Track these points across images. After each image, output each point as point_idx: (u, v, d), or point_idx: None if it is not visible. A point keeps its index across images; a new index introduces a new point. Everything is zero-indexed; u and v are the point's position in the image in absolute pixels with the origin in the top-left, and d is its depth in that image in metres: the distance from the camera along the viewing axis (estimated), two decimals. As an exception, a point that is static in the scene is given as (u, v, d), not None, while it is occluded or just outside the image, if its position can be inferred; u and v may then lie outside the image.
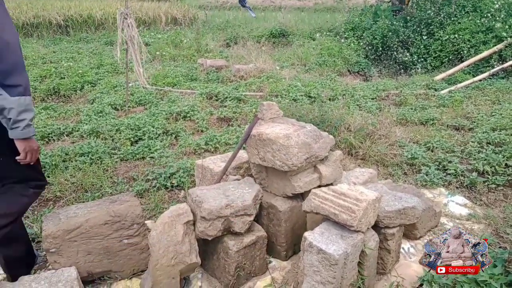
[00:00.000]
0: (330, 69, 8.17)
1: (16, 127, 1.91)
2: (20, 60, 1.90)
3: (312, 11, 21.67)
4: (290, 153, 2.40)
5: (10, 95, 1.85)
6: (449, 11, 8.71)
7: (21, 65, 1.90)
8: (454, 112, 5.22)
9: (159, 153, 4.19)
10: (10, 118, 1.88)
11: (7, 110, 1.86)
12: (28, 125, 1.95)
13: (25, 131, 1.95)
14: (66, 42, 12.82)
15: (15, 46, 1.87)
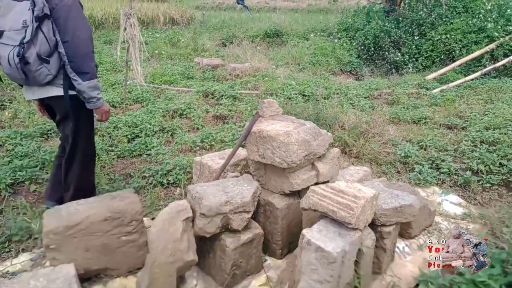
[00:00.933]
0: (324, 69, 8.24)
1: (90, 102, 2.58)
2: (89, 52, 2.49)
3: (305, 12, 21.75)
4: (289, 150, 2.44)
5: (82, 80, 2.46)
6: (440, 12, 8.82)
7: (89, 56, 2.49)
8: (447, 111, 5.29)
9: (156, 150, 4.21)
10: (85, 98, 2.54)
11: (82, 91, 2.50)
12: (98, 99, 2.60)
13: (97, 103, 2.62)
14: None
15: (87, 41, 2.46)
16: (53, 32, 2.39)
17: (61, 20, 2.39)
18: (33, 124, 4.94)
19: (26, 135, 4.54)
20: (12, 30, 2.33)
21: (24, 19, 2.31)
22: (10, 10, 2.37)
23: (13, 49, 2.30)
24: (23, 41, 2.29)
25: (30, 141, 4.38)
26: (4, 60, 2.34)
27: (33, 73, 2.38)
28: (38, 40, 2.34)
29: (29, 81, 2.46)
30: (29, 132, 4.61)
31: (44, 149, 4.12)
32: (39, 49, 2.35)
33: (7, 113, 5.39)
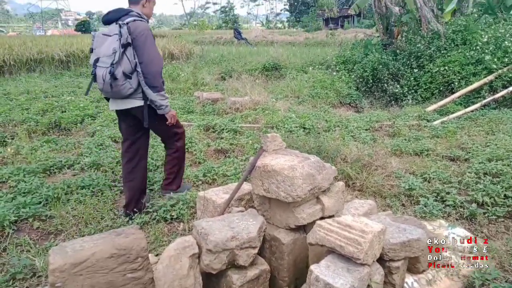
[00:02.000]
0: (323, 101, 8.33)
1: (160, 109, 3.40)
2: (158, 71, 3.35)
3: (303, 45, 22.20)
4: (294, 184, 2.44)
5: (153, 92, 3.30)
6: (438, 44, 8.98)
7: (158, 74, 3.34)
8: (448, 143, 5.31)
9: (158, 185, 4.20)
10: (156, 106, 3.36)
11: (153, 101, 3.32)
12: (166, 106, 3.41)
13: (165, 109, 3.44)
14: (67, 77, 13.03)
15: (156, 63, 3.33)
16: (133, 56, 3.22)
17: (139, 47, 3.24)
18: (36, 160, 4.95)
19: (29, 171, 4.54)
20: (105, 56, 3.18)
21: (113, 47, 3.15)
22: (103, 42, 3.24)
23: (106, 69, 3.14)
24: (113, 62, 3.13)
25: (33, 177, 4.38)
26: (99, 78, 3.19)
27: (120, 87, 3.18)
28: (123, 61, 3.17)
29: (115, 94, 3.27)
30: (31, 168, 4.62)
31: (47, 186, 4.11)
32: (124, 68, 3.16)
33: (9, 149, 5.41)
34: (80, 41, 16.43)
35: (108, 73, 3.11)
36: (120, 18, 3.28)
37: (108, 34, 3.24)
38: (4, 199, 3.79)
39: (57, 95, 9.38)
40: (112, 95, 3.33)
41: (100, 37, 3.29)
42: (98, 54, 3.24)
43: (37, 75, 13.21)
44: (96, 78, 3.23)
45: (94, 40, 3.33)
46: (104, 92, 3.30)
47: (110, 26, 3.31)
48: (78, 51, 14.82)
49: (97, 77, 3.21)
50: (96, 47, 3.28)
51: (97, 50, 3.26)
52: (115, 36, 3.17)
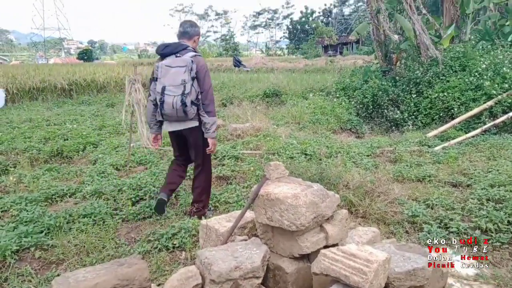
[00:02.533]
0: (324, 127, 8.37)
1: (208, 132, 3.87)
2: (213, 99, 3.92)
3: (302, 72, 22.44)
4: (298, 212, 2.44)
5: (208, 116, 3.83)
6: (437, 70, 9.09)
7: (213, 102, 3.91)
8: (450, 169, 5.31)
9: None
10: (207, 128, 3.84)
11: (206, 124, 3.83)
12: (213, 131, 3.89)
13: (212, 134, 3.90)
14: (69, 105, 13.17)
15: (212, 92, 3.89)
16: (197, 86, 3.76)
17: (200, 79, 3.78)
18: (38, 189, 4.96)
19: (31, 200, 4.54)
20: (171, 85, 3.65)
21: (182, 79, 3.64)
22: (167, 72, 3.68)
23: (175, 98, 3.63)
24: (185, 92, 3.64)
25: (35, 206, 4.37)
26: (169, 104, 3.65)
27: (187, 112, 3.70)
28: (191, 91, 3.68)
29: (179, 118, 3.76)
30: (33, 196, 4.62)
31: (49, 214, 4.10)
32: (192, 97, 3.70)
33: (12, 178, 5.42)
34: (83, 70, 16.67)
35: (180, 102, 3.63)
36: (177, 52, 3.79)
37: (171, 66, 3.69)
38: (6, 228, 3.77)
39: (59, 123, 9.46)
40: (176, 119, 3.80)
41: (164, 68, 3.71)
42: (163, 83, 3.68)
43: (39, 103, 13.34)
44: (164, 105, 3.68)
45: (158, 70, 3.73)
46: (169, 116, 3.76)
47: (169, 58, 3.77)
48: (80, 80, 15.04)
49: (166, 103, 3.67)
50: (161, 77, 3.71)
51: (162, 79, 3.69)
52: (180, 68, 3.67)
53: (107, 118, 10.05)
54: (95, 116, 10.60)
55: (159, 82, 3.70)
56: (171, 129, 3.95)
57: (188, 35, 3.94)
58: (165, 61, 3.76)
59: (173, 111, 3.67)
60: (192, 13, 79.13)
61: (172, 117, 3.76)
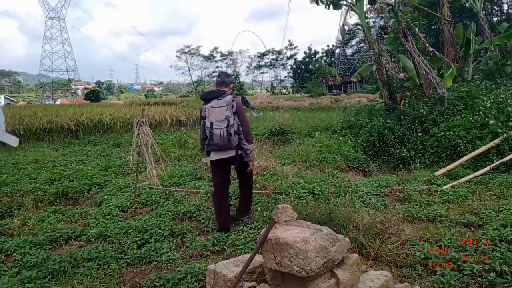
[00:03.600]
0: (331, 166, 8.32)
1: (248, 156, 4.84)
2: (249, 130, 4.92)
3: (308, 110, 22.66)
4: (308, 258, 2.37)
5: (248, 144, 4.80)
6: (441, 109, 9.12)
7: (249, 132, 4.89)
8: (461, 208, 5.20)
9: (166, 256, 4.10)
10: (247, 153, 4.80)
11: (247, 150, 4.79)
12: (252, 155, 4.89)
13: (250, 157, 4.89)
14: (76, 145, 13.26)
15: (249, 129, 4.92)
16: (237, 120, 4.73)
17: (239, 113, 4.77)
18: (42, 232, 4.90)
19: (35, 243, 4.49)
20: (217, 121, 4.62)
21: (226, 114, 4.62)
22: (213, 112, 4.69)
23: (222, 129, 4.59)
24: (229, 124, 4.60)
25: (39, 249, 4.31)
26: (217, 136, 4.60)
27: (231, 141, 4.64)
28: (234, 124, 4.65)
29: (224, 146, 4.69)
30: (38, 240, 4.57)
31: (53, 258, 4.03)
32: (234, 128, 4.65)
33: (16, 221, 5.38)
34: (90, 111, 16.91)
35: (226, 132, 4.58)
36: (219, 96, 4.78)
37: (215, 106, 4.71)
38: (9, 274, 3.70)
39: (65, 164, 9.49)
40: (222, 148, 4.72)
41: (210, 109, 4.72)
42: (211, 120, 4.67)
43: (45, 144, 13.44)
44: (213, 136, 4.63)
45: (206, 111, 4.76)
46: (217, 145, 4.68)
47: (213, 102, 4.75)
48: (87, 120, 15.21)
49: (215, 135, 4.62)
50: (209, 116, 4.71)
51: (210, 117, 4.69)
52: (222, 107, 4.66)
53: (113, 158, 10.08)
54: (101, 157, 10.64)
55: (207, 120, 4.70)
56: (217, 158, 4.83)
57: (225, 84, 4.99)
58: (209, 104, 4.77)
59: (220, 140, 4.62)
60: (198, 54, 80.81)
61: (219, 145, 4.68)
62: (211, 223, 5.14)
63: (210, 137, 4.67)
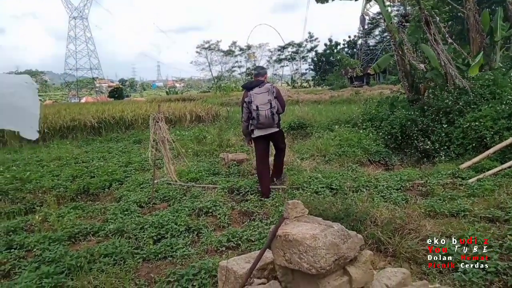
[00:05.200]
0: (350, 160, 8.16)
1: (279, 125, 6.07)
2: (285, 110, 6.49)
3: (328, 103, 22.38)
4: (317, 255, 2.29)
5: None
6: (467, 99, 8.79)
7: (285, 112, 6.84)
8: (486, 202, 4.97)
9: (181, 252, 4.09)
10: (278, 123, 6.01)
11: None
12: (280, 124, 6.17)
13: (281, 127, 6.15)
14: (98, 142, 13.45)
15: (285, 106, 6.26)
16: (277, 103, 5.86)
17: (278, 97, 5.92)
18: (62, 228, 4.96)
19: (54, 239, 4.54)
20: (261, 104, 5.74)
21: (268, 99, 5.77)
22: (256, 97, 5.79)
23: (266, 111, 5.72)
24: (271, 107, 5.74)
25: (58, 245, 4.35)
26: (263, 116, 5.72)
27: (274, 120, 5.83)
28: (275, 106, 5.80)
29: (269, 125, 5.84)
30: (57, 236, 4.62)
31: (71, 254, 4.06)
32: (276, 109, 5.80)
33: (37, 217, 5.46)
34: (112, 108, 17.12)
35: (270, 113, 5.74)
36: (259, 85, 5.92)
37: (258, 93, 5.83)
38: (29, 269, 3.77)
39: (87, 161, 9.62)
40: (267, 126, 5.85)
41: (254, 95, 5.82)
42: (256, 103, 5.77)
43: (69, 141, 13.69)
44: (260, 117, 5.75)
45: (251, 97, 5.82)
46: (263, 124, 5.81)
47: (255, 89, 5.87)
48: (109, 117, 15.41)
49: (261, 115, 5.74)
50: (253, 100, 5.80)
51: (255, 101, 5.79)
52: (264, 93, 5.81)
53: (134, 154, 10.16)
54: (122, 153, 10.74)
55: (253, 104, 5.78)
56: (262, 134, 5.93)
57: (261, 75, 6.21)
58: (253, 91, 5.88)
59: (266, 119, 5.75)
60: (218, 49, 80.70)
61: (265, 124, 5.80)
62: (227, 219, 5.10)
63: (257, 118, 5.75)
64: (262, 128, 5.84)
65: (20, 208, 6.06)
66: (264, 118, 5.70)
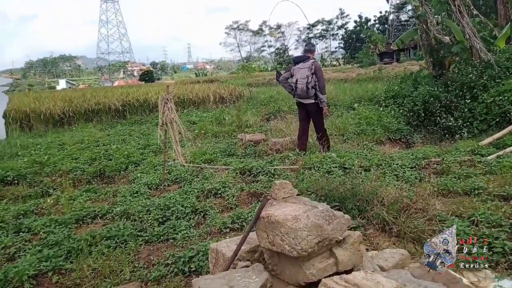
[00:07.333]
0: (369, 138, 7.95)
1: (322, 103, 6.89)
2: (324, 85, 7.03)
3: (355, 81, 21.83)
4: (298, 236, 2.22)
5: (321, 94, 6.82)
6: (492, 73, 8.36)
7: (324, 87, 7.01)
8: (503, 180, 4.72)
9: (183, 234, 4.09)
10: (321, 101, 6.85)
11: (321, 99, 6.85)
12: (325, 102, 6.99)
13: (324, 104, 6.97)
14: (122, 125, 13.61)
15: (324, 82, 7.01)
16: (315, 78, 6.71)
17: (317, 73, 6.73)
18: (71, 211, 5.04)
19: (61, 222, 4.61)
20: (300, 78, 6.73)
21: (307, 74, 6.68)
22: (298, 72, 6.79)
23: (303, 84, 6.69)
24: (308, 81, 6.68)
25: (64, 228, 4.43)
26: (300, 89, 6.76)
27: (309, 93, 6.74)
28: (311, 81, 6.67)
29: (304, 96, 6.81)
30: (64, 219, 4.69)
31: (74, 237, 4.13)
32: (312, 84, 6.69)
33: (49, 200, 5.57)
34: (136, 91, 17.26)
35: (305, 87, 6.69)
36: (304, 60, 6.82)
37: (300, 68, 6.78)
38: (32, 252, 3.84)
39: (108, 144, 9.75)
40: (302, 97, 6.88)
41: (296, 69, 6.84)
42: (296, 77, 6.80)
43: (93, 124, 13.94)
44: (297, 89, 6.81)
45: (294, 71, 6.87)
46: (300, 95, 6.90)
47: (299, 64, 6.84)
48: (133, 100, 15.55)
49: (298, 88, 6.78)
50: (295, 74, 6.85)
51: (296, 75, 6.82)
52: (305, 69, 6.71)
53: (153, 137, 10.23)
54: (143, 135, 10.86)
55: (294, 77, 6.84)
56: (299, 101, 7.07)
57: (310, 51, 7.07)
58: (297, 65, 6.85)
59: (302, 92, 6.76)
60: (247, 29, 79.93)
61: (301, 96, 6.85)
62: (235, 200, 5.06)
63: (295, 89, 6.84)
64: (300, 98, 6.97)
65: (37, 192, 6.19)
66: (300, 90, 6.74)
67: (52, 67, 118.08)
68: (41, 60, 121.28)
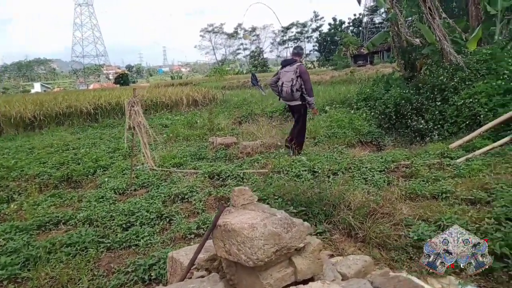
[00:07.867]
0: (340, 141, 7.96)
1: (310, 105, 7.01)
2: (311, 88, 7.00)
3: (328, 84, 21.95)
4: (255, 246, 2.13)
5: (309, 97, 6.90)
6: (462, 75, 8.48)
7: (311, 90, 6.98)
8: (471, 183, 4.74)
9: (146, 240, 3.96)
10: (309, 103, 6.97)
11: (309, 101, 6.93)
12: (314, 104, 7.07)
13: (313, 105, 7.07)
14: (93, 129, 13.32)
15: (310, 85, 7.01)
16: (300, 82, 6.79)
17: (302, 76, 6.80)
18: (33, 216, 4.84)
19: (22, 228, 4.43)
20: (285, 82, 6.85)
21: (291, 78, 6.77)
22: (284, 75, 6.92)
23: (288, 87, 6.80)
24: (292, 84, 6.76)
25: (24, 234, 4.24)
26: (285, 92, 6.88)
27: (294, 95, 6.84)
28: (296, 84, 6.76)
29: (290, 98, 6.95)
30: (25, 225, 4.50)
31: (34, 244, 3.95)
32: (296, 87, 6.77)
33: (13, 206, 5.36)
34: (108, 94, 16.95)
35: (290, 90, 6.78)
36: (291, 63, 6.91)
37: (286, 71, 6.88)
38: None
39: (78, 147, 9.50)
40: (288, 99, 7.01)
41: (283, 73, 6.96)
42: (282, 80, 6.92)
43: (64, 128, 13.59)
44: (282, 92, 6.94)
45: (280, 74, 7.05)
46: (285, 98, 7.03)
47: (286, 67, 6.94)
48: (105, 103, 15.26)
49: (283, 91, 6.91)
50: (281, 77, 6.98)
51: (282, 78, 6.95)
52: (291, 72, 6.79)
53: (123, 141, 10.02)
54: (113, 139, 10.61)
55: (280, 81, 6.98)
56: (284, 102, 7.41)
57: (298, 54, 7.23)
58: (284, 68, 6.97)
59: (286, 95, 6.91)
60: (222, 32, 79.81)
61: (286, 98, 6.99)
62: (202, 205, 4.94)
63: (280, 92, 7.01)
64: (285, 100, 7.15)
65: (2, 197, 5.96)
66: (285, 93, 6.90)
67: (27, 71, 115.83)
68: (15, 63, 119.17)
